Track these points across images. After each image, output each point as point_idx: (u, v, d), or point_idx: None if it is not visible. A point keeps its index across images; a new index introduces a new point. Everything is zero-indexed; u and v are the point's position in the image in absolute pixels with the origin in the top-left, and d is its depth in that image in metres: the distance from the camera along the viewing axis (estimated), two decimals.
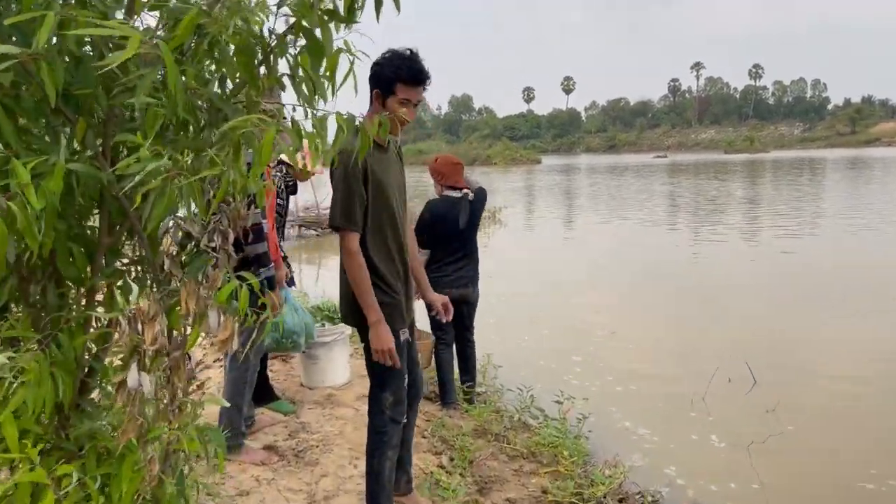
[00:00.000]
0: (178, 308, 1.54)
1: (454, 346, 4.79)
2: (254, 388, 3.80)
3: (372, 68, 2.56)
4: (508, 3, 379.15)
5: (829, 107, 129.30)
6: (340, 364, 4.42)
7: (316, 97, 1.53)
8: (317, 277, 11.85)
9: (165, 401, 1.60)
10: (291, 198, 5.16)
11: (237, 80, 1.48)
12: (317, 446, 3.53)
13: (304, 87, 1.50)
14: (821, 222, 16.02)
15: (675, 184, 32.80)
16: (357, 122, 1.68)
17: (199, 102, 1.45)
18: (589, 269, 11.31)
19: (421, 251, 4.33)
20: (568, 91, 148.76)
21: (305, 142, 1.50)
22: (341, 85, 1.49)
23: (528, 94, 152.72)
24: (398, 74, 2.53)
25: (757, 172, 41.39)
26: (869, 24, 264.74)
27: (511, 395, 5.16)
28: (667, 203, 23.26)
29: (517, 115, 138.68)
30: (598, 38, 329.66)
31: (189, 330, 1.57)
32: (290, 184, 5.12)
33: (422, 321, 3.65)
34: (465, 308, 4.67)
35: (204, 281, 1.67)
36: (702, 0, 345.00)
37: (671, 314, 8.25)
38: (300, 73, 1.50)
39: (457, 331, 4.76)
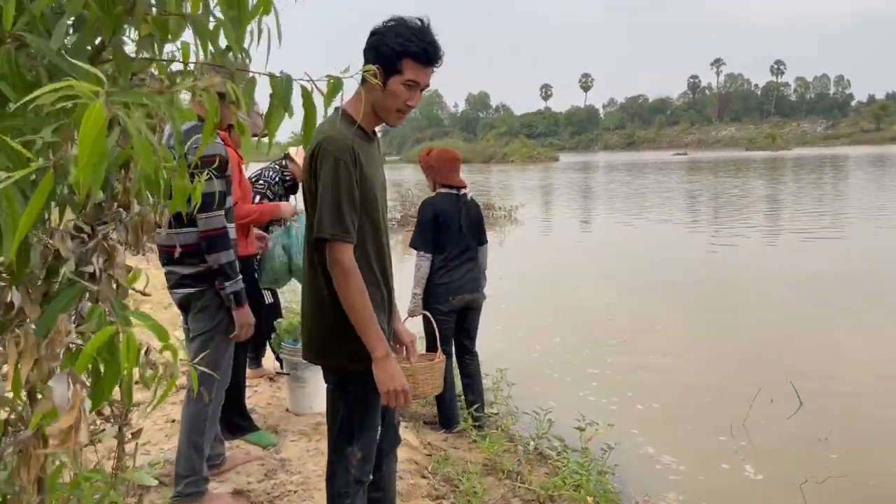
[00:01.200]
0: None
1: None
2: (225, 420, 3.30)
3: (371, 38, 2.06)
4: None
5: (853, 104, 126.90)
6: (317, 390, 3.88)
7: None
8: None
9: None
10: (292, 198, 4.71)
11: (88, 20, 0.95)
12: (295, 491, 3.01)
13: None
14: (847, 223, 15.26)
15: (694, 182, 31.96)
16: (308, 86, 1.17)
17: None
18: (603, 272, 10.70)
19: (422, 255, 4.09)
20: (586, 88, 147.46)
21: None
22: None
23: (546, 92, 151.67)
24: (407, 48, 2.01)
25: (779, 170, 40.37)
26: (891, 19, 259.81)
27: (526, 418, 4.61)
28: (685, 202, 22.53)
29: (535, 113, 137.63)
30: (617, 35, 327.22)
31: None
32: (289, 181, 4.62)
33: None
34: (470, 315, 4.29)
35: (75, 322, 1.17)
36: None
37: (691, 320, 7.63)
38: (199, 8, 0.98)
39: (458, 342, 4.29)
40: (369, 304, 2.01)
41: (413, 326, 3.04)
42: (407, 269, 4.54)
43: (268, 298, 4.20)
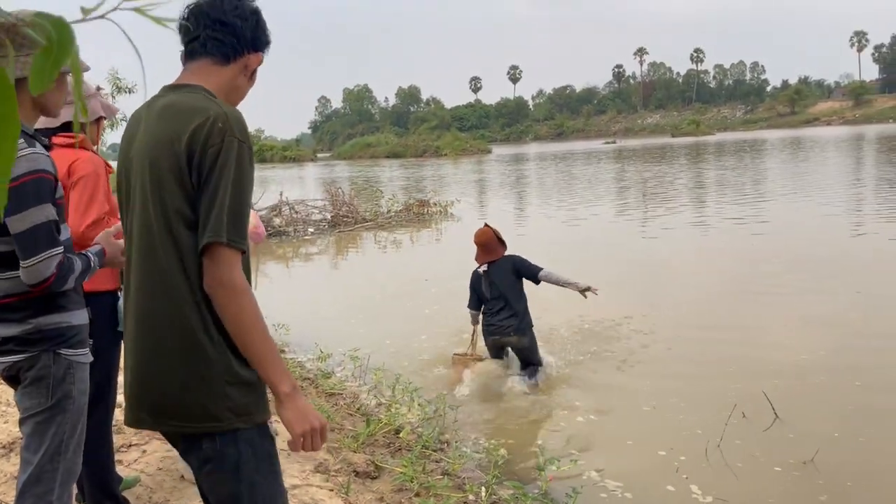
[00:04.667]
0: None
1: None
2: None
3: (251, 17, 1.66)
4: None
5: (769, 89, 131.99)
6: None
7: None
8: (254, 286, 10.46)
9: None
10: None
11: None
12: None
13: None
14: (770, 205, 15.30)
15: (627, 169, 32.15)
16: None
17: None
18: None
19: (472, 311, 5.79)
20: (515, 80, 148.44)
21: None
22: None
23: (476, 84, 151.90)
24: (268, 37, 1.73)
25: (703, 154, 41.19)
26: (801, 6, 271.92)
27: (476, 456, 3.97)
28: (620, 191, 22.44)
29: (465, 106, 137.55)
30: (543, 27, 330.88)
31: None
32: None
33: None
34: (516, 352, 5.61)
35: None
36: None
37: (636, 316, 7.11)
38: None
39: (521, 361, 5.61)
40: (268, 330, 1.56)
41: None
42: (338, 274, 3.84)
43: None
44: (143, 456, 3.43)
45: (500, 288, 5.52)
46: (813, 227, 12.14)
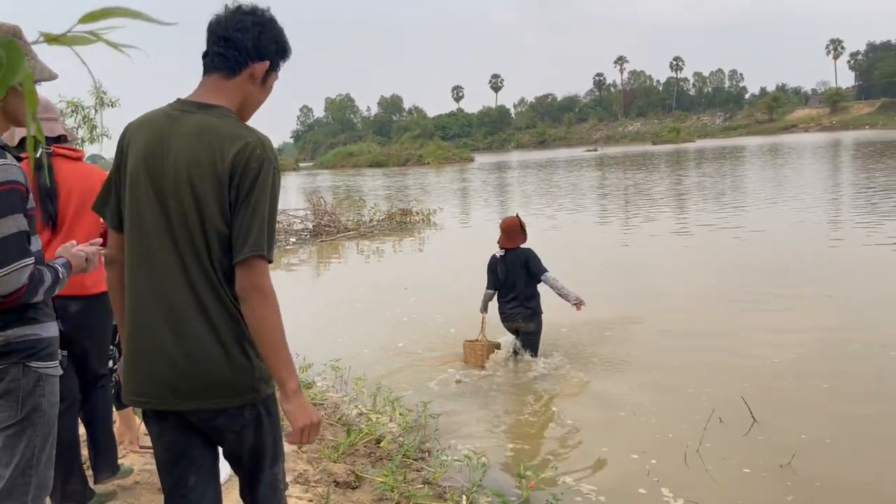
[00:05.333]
0: None
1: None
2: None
3: (247, 27, 1.78)
4: (437, 1, 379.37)
5: (747, 96, 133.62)
6: None
7: None
8: None
9: None
10: None
11: None
12: None
13: None
14: (749, 211, 15.48)
15: (608, 177, 32.37)
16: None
17: None
18: None
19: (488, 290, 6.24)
20: (496, 89, 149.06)
21: None
22: None
23: (458, 93, 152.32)
24: (285, 48, 1.87)
25: (684, 161, 41.58)
26: (778, 14, 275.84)
27: (456, 464, 3.97)
28: (599, 197, 22.58)
29: (448, 114, 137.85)
30: (524, 36, 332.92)
31: None
32: None
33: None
34: (522, 335, 6.08)
35: None
36: None
37: (615, 323, 7.15)
38: None
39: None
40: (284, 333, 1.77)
41: None
42: (320, 284, 3.85)
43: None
44: (121, 462, 3.39)
45: (512, 275, 6.03)
46: (790, 234, 12.29)
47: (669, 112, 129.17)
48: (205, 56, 1.82)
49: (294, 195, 31.89)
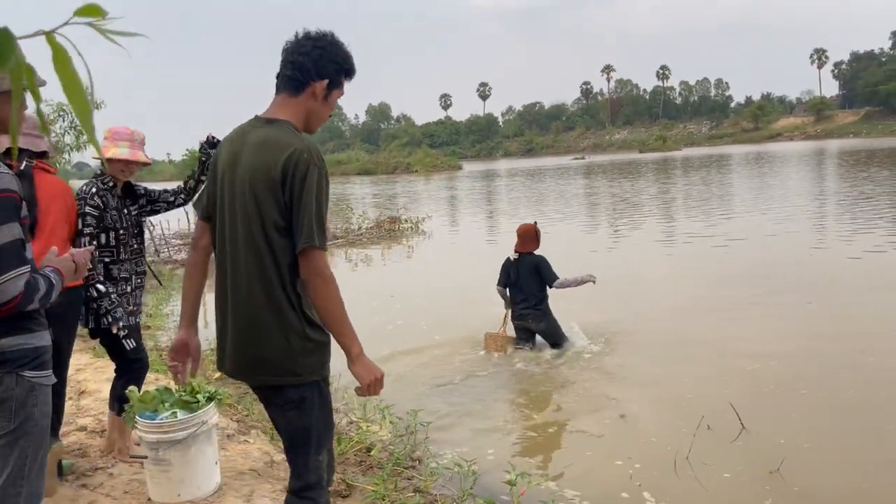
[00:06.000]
0: None
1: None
2: None
3: (309, 51, 2.07)
4: (425, 10, 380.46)
5: (732, 105, 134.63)
6: (204, 467, 3.11)
7: None
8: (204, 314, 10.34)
9: None
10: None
11: None
12: None
13: None
14: (738, 220, 15.62)
15: (596, 185, 32.53)
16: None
17: None
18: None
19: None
20: (484, 97, 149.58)
21: None
22: None
23: (446, 101, 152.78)
24: (349, 65, 2.16)
25: (671, 170, 41.87)
26: (762, 24, 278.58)
27: (447, 472, 3.97)
28: (587, 205, 22.69)
29: (436, 122, 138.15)
30: (512, 44, 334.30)
31: None
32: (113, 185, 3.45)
33: None
34: (536, 334, 6.57)
35: None
36: (609, 3, 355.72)
37: (602, 330, 7.20)
38: None
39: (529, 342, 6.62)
40: (345, 306, 2.06)
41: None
42: None
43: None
44: (110, 479, 3.37)
45: (522, 279, 6.50)
46: (774, 242, 12.39)
47: (656, 120, 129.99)
48: (277, 77, 2.12)
49: None
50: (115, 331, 3.31)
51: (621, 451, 4.38)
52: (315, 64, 2.07)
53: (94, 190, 3.36)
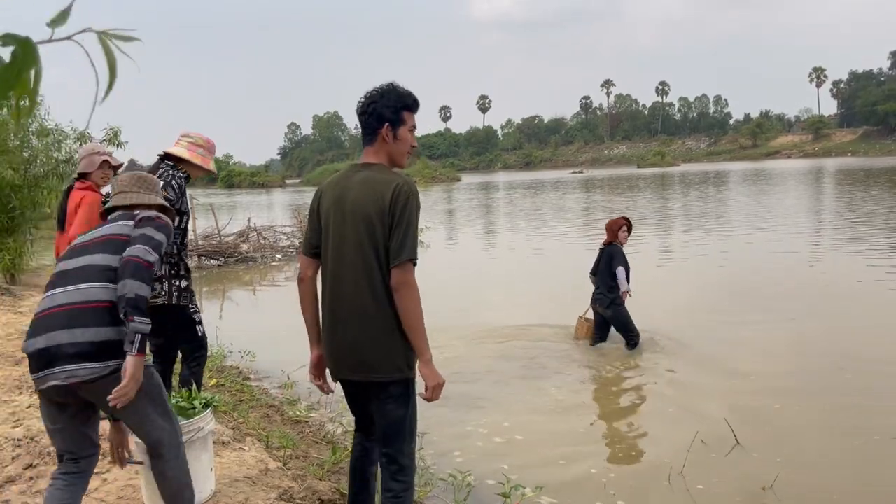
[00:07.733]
0: None
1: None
2: None
3: (367, 108, 2.58)
4: (426, 23, 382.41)
5: (731, 122, 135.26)
6: (199, 473, 3.11)
7: None
8: (220, 313, 10.38)
9: None
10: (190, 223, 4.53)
11: None
12: None
13: None
14: (735, 236, 15.68)
15: (594, 199, 32.63)
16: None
17: None
18: (515, 299, 10.29)
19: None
20: (484, 110, 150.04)
21: None
22: None
23: (445, 113, 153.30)
24: (403, 102, 2.60)
25: (669, 185, 42.03)
26: (762, 42, 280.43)
27: (441, 483, 3.97)
28: (585, 219, 22.75)
29: (435, 134, 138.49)
30: (512, 58, 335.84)
31: None
32: (184, 176, 3.83)
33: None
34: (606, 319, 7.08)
35: None
36: (610, 19, 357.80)
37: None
38: None
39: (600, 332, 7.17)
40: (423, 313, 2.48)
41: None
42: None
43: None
44: (104, 485, 3.37)
45: (601, 266, 7.08)
46: (771, 258, 12.43)
47: (655, 136, 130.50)
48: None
49: (280, 211, 31.85)
50: (195, 317, 3.82)
51: (615, 465, 4.40)
52: (374, 116, 2.55)
53: (180, 174, 3.80)
